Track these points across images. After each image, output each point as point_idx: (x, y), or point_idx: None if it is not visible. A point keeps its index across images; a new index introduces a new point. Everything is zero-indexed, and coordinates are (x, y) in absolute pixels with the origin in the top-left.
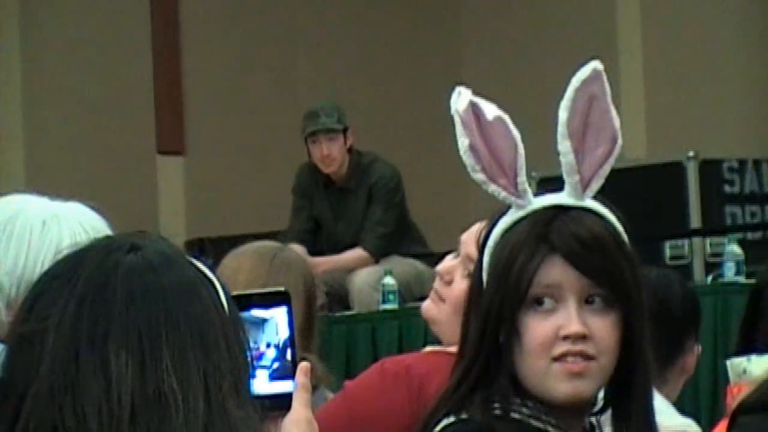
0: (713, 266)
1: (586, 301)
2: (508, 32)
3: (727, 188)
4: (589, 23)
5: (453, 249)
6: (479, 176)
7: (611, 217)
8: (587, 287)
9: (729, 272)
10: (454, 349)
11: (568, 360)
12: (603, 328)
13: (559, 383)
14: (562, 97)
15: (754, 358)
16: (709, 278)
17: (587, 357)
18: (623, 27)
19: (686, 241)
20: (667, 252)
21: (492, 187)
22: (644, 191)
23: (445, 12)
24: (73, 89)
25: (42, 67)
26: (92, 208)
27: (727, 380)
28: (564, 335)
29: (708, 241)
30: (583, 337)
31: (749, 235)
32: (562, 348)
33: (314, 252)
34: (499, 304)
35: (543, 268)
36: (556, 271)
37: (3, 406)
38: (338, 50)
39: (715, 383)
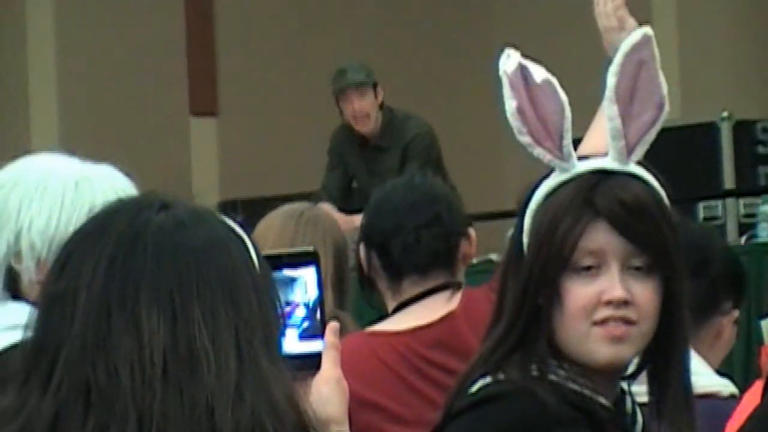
0: (747, 227)
1: (629, 266)
2: None
3: (760, 149)
4: None
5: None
6: (525, 139)
7: (654, 183)
8: (631, 253)
9: (763, 233)
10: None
11: (609, 324)
12: (645, 293)
13: (600, 347)
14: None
15: None
16: (743, 239)
17: (628, 322)
18: None
19: (720, 202)
20: (701, 213)
21: (537, 150)
22: (678, 152)
23: None
24: (106, 52)
25: (75, 31)
26: (121, 171)
27: (760, 341)
28: (606, 300)
29: (741, 201)
30: (625, 303)
31: None
32: (604, 313)
33: (349, 211)
34: (541, 268)
35: (587, 233)
36: (600, 237)
37: (36, 366)
38: (371, 10)
39: (748, 344)
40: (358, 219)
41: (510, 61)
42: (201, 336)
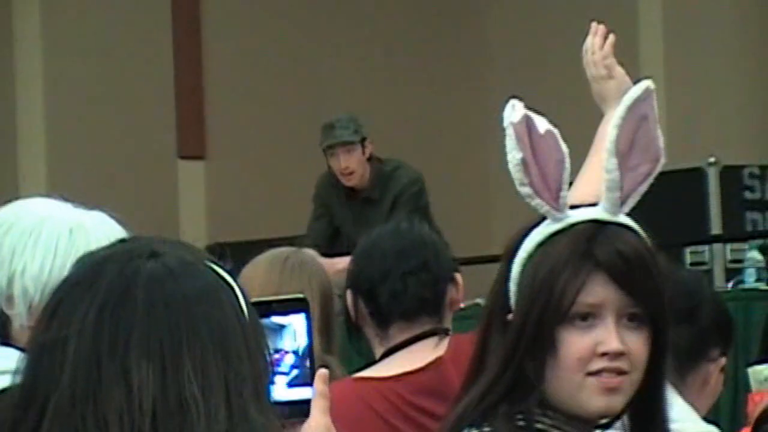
0: (734, 272)
1: (622, 316)
2: (533, 37)
3: (747, 194)
4: (611, 30)
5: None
6: (526, 190)
7: (643, 233)
8: (626, 304)
9: (750, 279)
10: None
11: (603, 375)
12: (638, 345)
13: (593, 398)
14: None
15: None
16: (730, 285)
17: (621, 372)
18: (645, 33)
19: (707, 248)
20: (688, 258)
21: (536, 201)
22: (665, 197)
23: (469, 18)
24: (94, 94)
25: (63, 72)
26: (113, 217)
27: (747, 388)
28: (602, 352)
29: (728, 247)
30: (620, 354)
31: None
32: (599, 364)
33: (332, 255)
34: (536, 319)
35: (587, 285)
36: (599, 289)
37: (25, 415)
38: (360, 55)
39: (735, 391)
40: (340, 262)
41: (516, 112)
42: (191, 386)
